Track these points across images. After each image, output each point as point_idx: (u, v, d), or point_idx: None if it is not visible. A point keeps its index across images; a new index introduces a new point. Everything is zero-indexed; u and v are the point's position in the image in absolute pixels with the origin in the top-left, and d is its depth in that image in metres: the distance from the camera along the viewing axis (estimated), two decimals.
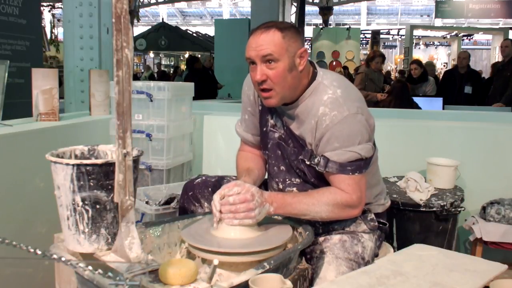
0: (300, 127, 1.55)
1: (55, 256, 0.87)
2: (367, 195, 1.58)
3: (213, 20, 16.45)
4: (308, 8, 15.33)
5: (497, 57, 12.18)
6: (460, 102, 5.70)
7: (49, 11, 17.92)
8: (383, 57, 5.67)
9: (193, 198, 1.77)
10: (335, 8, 18.97)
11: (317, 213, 1.48)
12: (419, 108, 4.86)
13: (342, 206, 1.49)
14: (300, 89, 1.53)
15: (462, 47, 16.07)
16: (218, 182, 1.80)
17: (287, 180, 1.64)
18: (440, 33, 18.72)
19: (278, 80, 1.46)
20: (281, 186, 1.66)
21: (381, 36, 20.84)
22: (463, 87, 5.87)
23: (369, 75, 5.42)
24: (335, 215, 1.50)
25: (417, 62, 6.53)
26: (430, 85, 6.19)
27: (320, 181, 1.56)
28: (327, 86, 1.52)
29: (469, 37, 22.05)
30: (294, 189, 1.63)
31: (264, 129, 1.68)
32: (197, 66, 7.89)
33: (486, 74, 10.76)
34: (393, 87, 5.24)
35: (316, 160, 1.51)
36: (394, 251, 1.78)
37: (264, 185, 1.76)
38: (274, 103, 1.52)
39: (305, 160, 1.54)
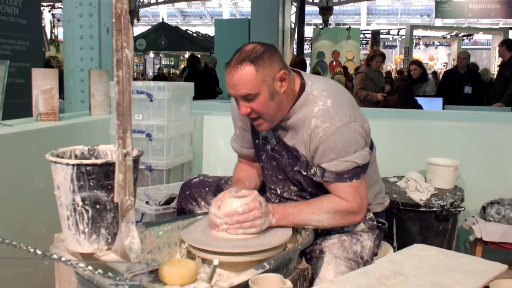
0: (293, 139, 1.55)
1: (55, 256, 0.87)
2: (367, 196, 1.58)
3: (213, 20, 16.47)
4: (308, 8, 15.31)
5: (497, 57, 12.17)
6: (460, 102, 5.68)
7: (49, 11, 17.93)
8: (383, 57, 5.66)
9: (190, 197, 1.78)
10: (335, 8, 18.97)
11: (318, 221, 1.48)
12: (421, 108, 4.83)
13: (343, 214, 1.49)
14: (288, 105, 1.52)
15: (462, 47, 16.08)
16: (216, 182, 1.81)
17: (285, 187, 1.64)
18: (440, 33, 18.73)
19: (263, 110, 1.46)
20: (279, 192, 1.67)
21: (381, 36, 20.86)
22: (463, 87, 5.86)
23: (369, 74, 5.41)
24: (337, 223, 1.51)
25: (417, 62, 6.50)
26: (430, 85, 6.18)
27: (318, 190, 1.56)
28: (316, 97, 1.50)
29: (469, 37, 22.06)
30: (292, 194, 1.64)
31: (257, 141, 1.68)
32: (198, 66, 7.90)
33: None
34: (398, 86, 5.17)
35: (312, 171, 1.51)
36: (394, 251, 1.78)
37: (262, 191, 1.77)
38: (266, 127, 1.53)
39: (301, 171, 1.54)
